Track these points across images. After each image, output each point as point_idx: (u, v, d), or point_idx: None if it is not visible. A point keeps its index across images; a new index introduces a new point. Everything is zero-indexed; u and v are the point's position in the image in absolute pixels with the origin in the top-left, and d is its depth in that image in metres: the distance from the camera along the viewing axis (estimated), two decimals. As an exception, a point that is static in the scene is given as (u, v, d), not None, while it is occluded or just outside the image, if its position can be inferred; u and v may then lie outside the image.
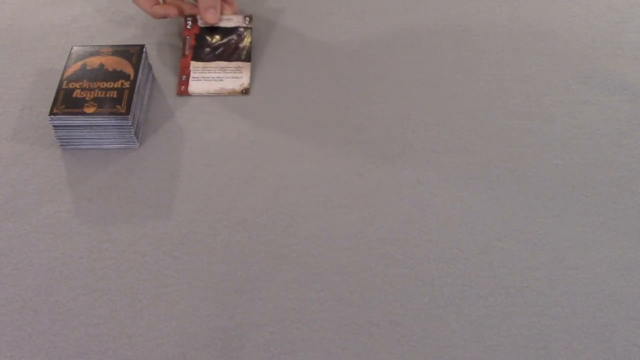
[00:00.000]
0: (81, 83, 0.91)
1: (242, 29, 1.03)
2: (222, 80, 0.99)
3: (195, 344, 0.75)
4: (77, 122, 0.89)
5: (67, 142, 0.92)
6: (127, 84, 0.91)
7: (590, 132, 0.93)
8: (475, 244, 0.82)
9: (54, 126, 0.90)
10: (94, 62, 0.94)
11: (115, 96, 0.90)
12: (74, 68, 0.93)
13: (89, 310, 0.78)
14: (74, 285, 0.80)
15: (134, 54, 0.95)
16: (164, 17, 1.01)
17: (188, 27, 1.04)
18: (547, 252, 0.82)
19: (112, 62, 0.94)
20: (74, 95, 0.90)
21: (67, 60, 0.95)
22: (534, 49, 1.03)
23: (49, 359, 0.74)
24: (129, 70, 0.93)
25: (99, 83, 0.91)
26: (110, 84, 0.91)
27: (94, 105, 0.89)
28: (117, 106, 0.89)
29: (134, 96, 0.90)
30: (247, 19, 1.04)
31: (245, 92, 0.98)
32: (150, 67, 0.99)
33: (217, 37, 1.03)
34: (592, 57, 1.02)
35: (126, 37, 1.06)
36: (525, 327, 0.76)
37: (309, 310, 0.77)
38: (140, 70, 0.93)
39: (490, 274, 0.80)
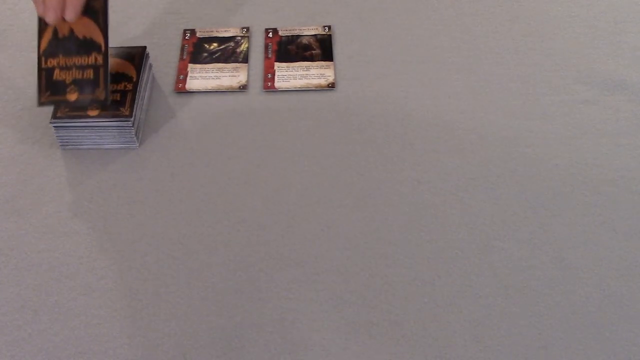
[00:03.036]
0: None
1: (239, 38, 1.04)
2: (219, 78, 1.00)
3: (195, 344, 0.75)
4: (79, 124, 0.89)
5: (67, 142, 0.92)
6: (129, 86, 0.91)
7: (590, 132, 0.93)
8: (475, 244, 0.82)
9: (54, 127, 0.90)
10: None
11: (118, 98, 0.90)
12: None
13: (89, 310, 0.78)
14: (74, 285, 0.80)
15: (136, 55, 0.95)
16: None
17: (187, 37, 1.05)
18: (547, 252, 0.82)
19: (115, 65, 0.94)
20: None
21: None
22: (534, 49, 1.03)
23: (49, 359, 0.74)
24: (132, 72, 0.93)
25: None
26: (113, 86, 0.91)
27: (97, 108, 0.89)
28: (121, 108, 0.89)
29: (136, 96, 0.90)
30: (245, 29, 1.05)
31: (243, 88, 0.98)
32: (151, 67, 0.99)
33: (215, 44, 1.04)
34: (592, 57, 1.02)
35: (126, 37, 1.06)
36: (525, 327, 0.76)
37: (309, 310, 0.77)
38: (141, 71, 0.93)
39: (490, 274, 0.80)
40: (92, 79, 0.88)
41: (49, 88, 0.88)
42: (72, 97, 0.87)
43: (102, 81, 0.88)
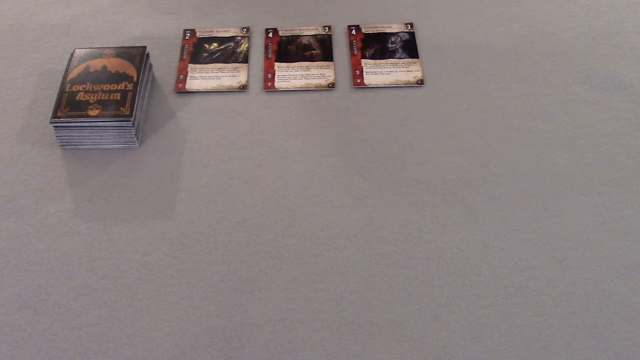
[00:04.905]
0: (84, 86, 0.91)
1: (239, 38, 1.04)
2: (219, 78, 1.00)
3: (195, 344, 0.75)
4: (79, 124, 0.89)
5: (67, 142, 0.92)
6: (130, 86, 0.91)
7: (590, 132, 0.93)
8: (475, 244, 0.82)
9: (54, 127, 0.90)
10: (97, 64, 0.94)
11: (118, 98, 0.90)
12: (77, 71, 0.93)
13: (89, 310, 0.78)
14: (74, 285, 0.80)
15: (136, 55, 0.95)
16: None
17: (187, 37, 1.05)
18: (547, 252, 0.82)
19: (115, 64, 0.94)
20: (77, 98, 0.90)
21: (70, 62, 0.94)
22: (534, 49, 1.03)
23: (49, 359, 0.74)
24: (132, 72, 0.93)
25: (102, 85, 0.91)
26: (113, 86, 0.91)
27: (97, 108, 0.89)
28: (122, 108, 0.89)
29: (136, 97, 0.90)
30: (245, 29, 1.05)
31: (243, 88, 0.99)
32: (151, 67, 0.99)
33: (215, 44, 1.04)
34: (592, 57, 1.02)
35: (125, 37, 1.06)
36: (525, 327, 0.76)
37: (309, 310, 0.77)
38: (142, 71, 0.93)
39: (490, 274, 0.80)
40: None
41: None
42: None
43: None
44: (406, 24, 1.06)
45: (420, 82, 0.98)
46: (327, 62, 1.01)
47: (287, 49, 1.03)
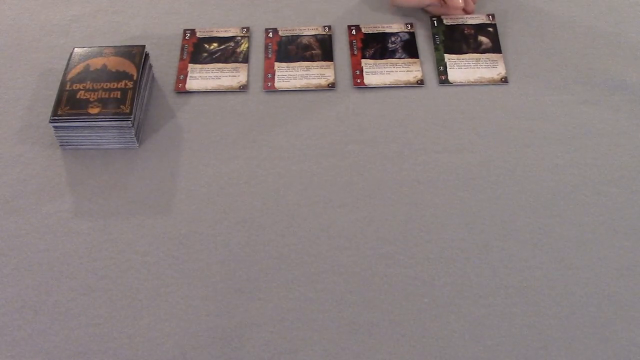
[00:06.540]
0: (85, 84, 0.91)
1: (239, 38, 1.04)
2: (219, 78, 1.00)
3: (195, 344, 0.75)
4: (78, 124, 0.89)
5: (67, 142, 0.92)
6: (130, 84, 0.91)
7: (590, 132, 0.93)
8: (475, 244, 0.82)
9: (54, 127, 0.90)
10: (97, 63, 0.94)
11: (119, 96, 0.90)
12: (77, 69, 0.93)
13: (89, 310, 0.78)
14: (74, 285, 0.80)
15: (136, 54, 0.95)
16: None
17: (187, 37, 1.05)
18: (547, 252, 0.82)
19: (115, 63, 0.94)
20: (78, 96, 0.90)
21: (69, 61, 0.94)
22: (533, 49, 1.03)
23: (49, 359, 0.74)
24: (132, 70, 0.93)
25: (102, 84, 0.91)
26: (114, 84, 0.91)
27: (98, 106, 0.89)
28: (122, 106, 0.89)
29: (136, 96, 0.90)
30: (245, 29, 1.05)
31: (243, 88, 0.99)
32: (150, 67, 0.99)
33: (215, 44, 1.04)
34: (592, 57, 1.02)
35: (126, 37, 1.06)
36: (525, 327, 0.76)
37: (309, 310, 0.77)
38: (141, 70, 0.93)
39: (490, 274, 0.80)
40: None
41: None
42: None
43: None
44: (406, 24, 1.06)
45: (420, 82, 0.98)
46: (327, 62, 1.01)
47: (287, 49, 1.03)
